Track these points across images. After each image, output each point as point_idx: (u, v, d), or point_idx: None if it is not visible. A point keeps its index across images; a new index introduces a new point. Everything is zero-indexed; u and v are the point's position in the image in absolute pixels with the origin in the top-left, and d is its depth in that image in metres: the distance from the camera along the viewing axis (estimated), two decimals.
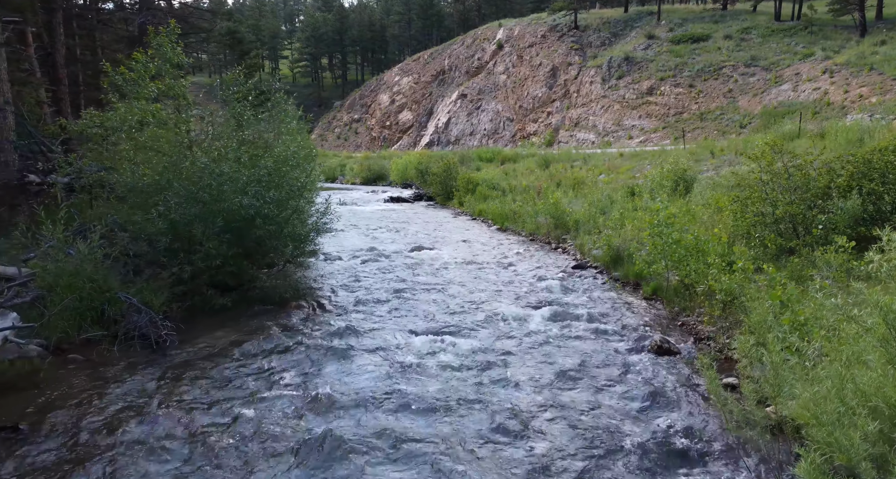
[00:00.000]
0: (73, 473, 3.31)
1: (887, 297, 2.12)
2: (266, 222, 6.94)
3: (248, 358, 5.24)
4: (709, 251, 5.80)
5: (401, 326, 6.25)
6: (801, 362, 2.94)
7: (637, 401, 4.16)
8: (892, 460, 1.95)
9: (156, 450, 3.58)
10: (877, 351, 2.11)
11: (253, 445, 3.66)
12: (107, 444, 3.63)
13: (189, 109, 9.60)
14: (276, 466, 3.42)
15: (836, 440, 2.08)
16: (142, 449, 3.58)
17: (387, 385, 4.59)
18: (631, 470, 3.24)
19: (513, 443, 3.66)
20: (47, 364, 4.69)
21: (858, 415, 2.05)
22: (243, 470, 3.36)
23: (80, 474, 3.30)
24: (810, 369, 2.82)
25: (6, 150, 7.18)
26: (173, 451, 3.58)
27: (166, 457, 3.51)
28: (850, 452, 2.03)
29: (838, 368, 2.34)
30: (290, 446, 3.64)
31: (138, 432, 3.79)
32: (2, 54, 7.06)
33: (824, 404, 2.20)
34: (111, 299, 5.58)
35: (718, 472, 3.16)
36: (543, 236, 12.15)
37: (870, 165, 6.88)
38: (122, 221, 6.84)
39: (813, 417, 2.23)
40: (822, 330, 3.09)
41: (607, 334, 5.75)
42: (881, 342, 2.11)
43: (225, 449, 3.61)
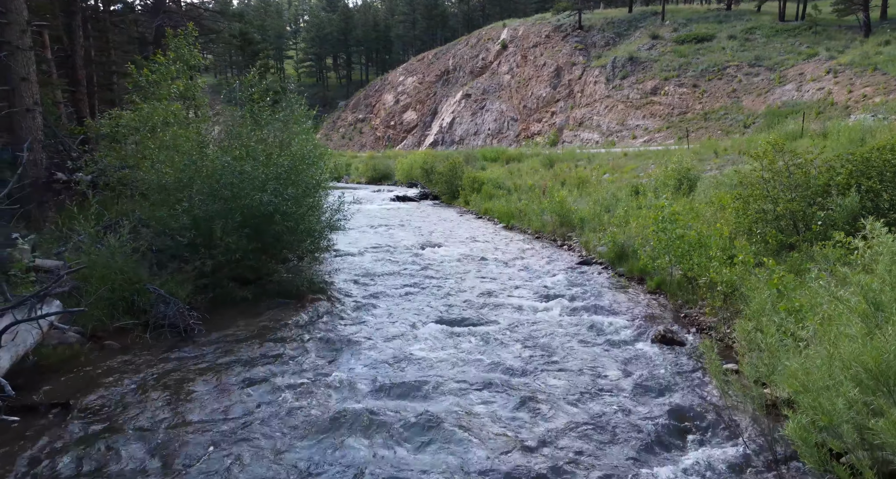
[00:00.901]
0: (119, 445, 3.58)
1: (867, 277, 2.35)
2: (284, 218, 7.22)
3: (272, 345, 5.52)
4: (711, 245, 6.04)
5: (413, 317, 6.51)
6: (795, 344, 3.18)
7: (642, 385, 4.41)
8: (868, 422, 2.19)
9: (192, 426, 3.86)
10: (857, 325, 2.35)
11: (278, 422, 3.93)
12: (147, 419, 3.91)
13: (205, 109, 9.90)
14: (299, 440, 3.68)
15: (821, 405, 2.33)
16: (179, 425, 3.86)
17: (401, 371, 4.86)
18: (637, 444, 3.49)
19: (524, 422, 3.91)
20: (86, 349, 4.99)
21: (841, 383, 2.29)
22: (269, 443, 3.62)
23: (125, 446, 3.58)
24: (803, 349, 3.06)
25: (35, 149, 7.49)
26: (207, 427, 3.85)
27: (201, 432, 3.78)
28: (833, 414, 2.27)
29: (827, 345, 2.59)
30: (311, 423, 3.90)
31: (176, 410, 4.07)
32: (30, 57, 7.36)
33: (812, 374, 2.45)
34: (140, 290, 5.87)
35: (717, 444, 3.40)
36: (549, 234, 12.39)
37: (868, 163, 7.10)
38: (146, 218, 7.13)
39: (801, 385, 2.47)
40: (817, 316, 3.33)
41: (613, 325, 6.00)
42: (861, 317, 2.35)
43: (254, 425, 3.88)
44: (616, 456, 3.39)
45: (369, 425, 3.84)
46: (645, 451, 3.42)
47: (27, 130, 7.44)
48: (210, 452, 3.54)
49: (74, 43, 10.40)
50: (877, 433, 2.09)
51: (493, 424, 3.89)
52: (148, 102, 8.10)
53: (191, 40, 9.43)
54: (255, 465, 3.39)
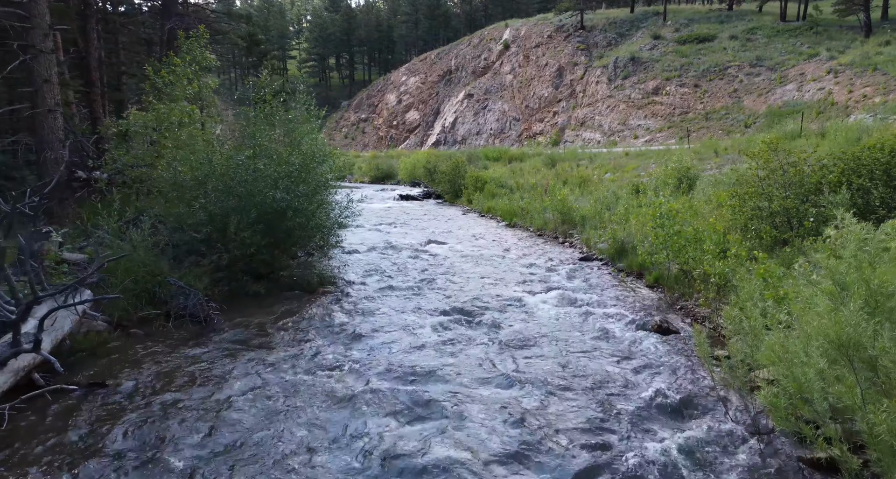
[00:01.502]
0: (154, 419, 3.88)
1: (836, 261, 2.62)
2: (296, 214, 7.52)
3: (287, 334, 5.81)
4: (705, 240, 6.31)
5: (420, 309, 6.80)
6: (776, 327, 3.45)
7: (638, 369, 4.69)
8: (832, 388, 2.46)
9: (217, 402, 4.15)
10: (825, 303, 2.62)
11: (297, 400, 4.22)
12: (177, 398, 4.21)
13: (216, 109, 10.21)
14: (315, 418, 3.97)
15: (793, 373, 2.59)
16: (206, 402, 4.15)
17: (409, 358, 5.14)
18: (634, 422, 3.77)
19: (527, 401, 4.19)
20: (115, 336, 5.30)
21: (811, 356, 2.56)
22: (288, 421, 3.91)
23: (160, 420, 3.87)
24: (784, 331, 3.33)
25: (56, 148, 7.80)
26: (232, 404, 4.15)
27: (227, 408, 4.08)
28: (803, 383, 2.54)
29: (803, 326, 2.86)
30: (327, 403, 4.20)
31: (201, 390, 4.37)
32: (52, 60, 7.67)
33: (785, 347, 2.71)
34: (161, 282, 6.17)
35: (706, 419, 3.68)
36: (551, 231, 12.66)
37: (859, 161, 7.34)
38: (164, 214, 7.43)
39: (776, 356, 2.74)
40: (798, 302, 3.59)
41: (612, 316, 6.28)
42: (829, 296, 2.62)
43: (275, 402, 4.17)
44: (613, 432, 3.67)
45: (379, 404, 4.13)
46: (640, 427, 3.69)
47: (49, 130, 7.75)
48: (236, 426, 3.83)
49: (89, 45, 10.72)
50: (837, 396, 2.36)
51: (496, 403, 4.17)
52: (163, 102, 8.41)
53: (202, 42, 9.75)
54: (278, 437, 3.68)
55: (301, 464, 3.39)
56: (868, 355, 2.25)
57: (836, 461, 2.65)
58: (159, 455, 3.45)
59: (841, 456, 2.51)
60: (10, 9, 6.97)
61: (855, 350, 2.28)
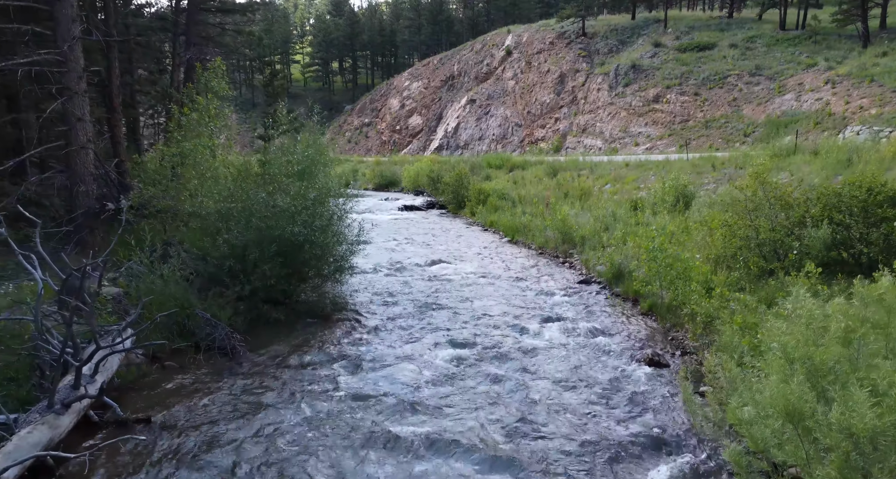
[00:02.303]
0: (199, 452, 4.39)
1: (786, 337, 3.10)
2: (312, 247, 8.03)
3: (308, 364, 6.33)
4: (693, 278, 6.79)
5: (427, 337, 7.30)
6: (751, 377, 3.93)
7: (628, 404, 5.18)
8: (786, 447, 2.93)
9: (252, 434, 4.66)
10: (778, 372, 3.09)
11: (321, 432, 4.73)
12: (216, 431, 4.72)
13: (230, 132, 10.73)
14: (338, 442, 4.48)
15: (752, 434, 3.07)
16: (242, 434, 4.66)
17: (418, 386, 5.66)
18: (617, 454, 4.27)
19: (521, 430, 4.69)
20: (152, 370, 5.82)
21: (769, 417, 3.04)
22: (316, 445, 4.42)
23: (204, 453, 4.38)
24: (756, 383, 3.81)
25: (88, 182, 8.33)
26: (265, 434, 4.65)
27: (262, 439, 4.58)
28: (760, 441, 3.02)
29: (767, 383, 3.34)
30: (347, 431, 4.71)
31: (236, 421, 4.88)
32: (85, 101, 8.20)
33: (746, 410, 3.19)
34: (190, 315, 6.69)
35: (683, 457, 4.16)
36: (552, 250, 13.14)
37: (840, 198, 7.82)
38: (189, 246, 7.95)
39: (737, 419, 3.22)
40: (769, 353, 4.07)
41: (607, 347, 6.77)
42: (781, 366, 3.09)
43: (300, 433, 4.68)
44: (598, 462, 4.17)
45: (396, 437, 4.64)
46: (623, 458, 4.19)
47: (81, 165, 8.29)
48: (271, 455, 4.34)
49: (111, 74, 11.26)
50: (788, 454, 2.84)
51: (495, 434, 4.67)
52: (187, 139, 8.93)
53: (220, 74, 10.29)
54: (307, 464, 4.19)
55: None
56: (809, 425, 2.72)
57: None
58: None
59: None
60: (49, 55, 7.49)
61: (799, 418, 2.75)
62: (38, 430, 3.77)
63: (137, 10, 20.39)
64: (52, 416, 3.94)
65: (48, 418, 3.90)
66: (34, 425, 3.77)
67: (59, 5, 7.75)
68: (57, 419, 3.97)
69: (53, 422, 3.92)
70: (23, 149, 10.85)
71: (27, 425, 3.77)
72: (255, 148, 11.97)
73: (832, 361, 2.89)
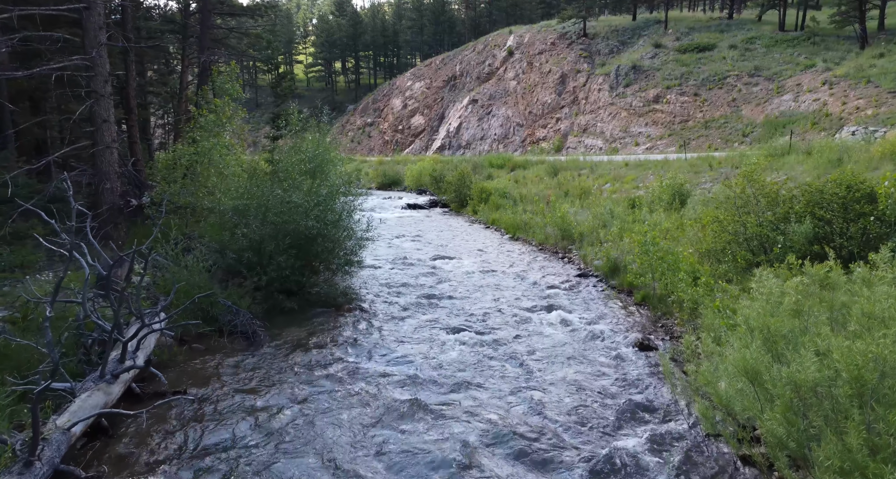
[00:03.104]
0: (230, 420, 4.89)
1: (749, 310, 3.56)
2: (325, 240, 8.54)
3: (323, 346, 6.84)
4: (681, 269, 7.28)
5: (434, 324, 7.80)
6: (722, 352, 4.41)
7: (618, 380, 5.67)
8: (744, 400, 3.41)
9: (277, 407, 5.15)
10: (740, 339, 3.56)
11: (341, 406, 5.22)
12: (244, 403, 5.22)
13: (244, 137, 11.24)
14: (356, 409, 4.97)
15: (717, 392, 3.54)
16: (268, 407, 5.16)
17: (428, 366, 6.14)
18: (608, 421, 4.76)
19: (521, 402, 5.18)
20: (182, 351, 6.33)
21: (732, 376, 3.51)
22: (334, 417, 4.91)
23: (234, 421, 4.88)
24: (726, 356, 4.29)
25: (112, 179, 8.85)
26: (287, 410, 5.15)
27: (283, 414, 5.08)
28: (724, 398, 3.49)
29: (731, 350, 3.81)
30: (364, 405, 5.20)
31: (263, 396, 5.38)
32: (111, 103, 8.72)
33: (714, 373, 3.65)
34: (213, 302, 7.19)
35: (666, 423, 4.64)
36: (551, 246, 13.63)
37: (822, 194, 8.28)
38: (210, 239, 8.46)
39: (707, 380, 3.68)
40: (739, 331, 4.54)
41: (601, 333, 7.26)
42: (743, 334, 3.56)
43: (325, 401, 5.17)
44: (590, 430, 4.66)
45: (407, 409, 5.13)
46: (613, 427, 4.68)
47: (107, 164, 8.81)
48: (297, 425, 4.84)
49: (129, 76, 11.78)
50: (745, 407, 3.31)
51: (499, 404, 5.16)
52: (203, 138, 9.44)
53: (234, 76, 10.81)
54: (329, 434, 4.68)
55: (349, 461, 4.39)
56: (763, 381, 3.19)
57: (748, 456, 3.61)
58: (235, 450, 4.46)
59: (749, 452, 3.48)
60: (80, 61, 8.01)
61: (755, 376, 3.22)
62: (95, 395, 4.27)
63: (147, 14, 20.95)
64: (104, 384, 4.44)
65: (101, 385, 4.40)
66: (91, 391, 4.27)
67: (88, 13, 8.26)
68: (109, 386, 4.47)
69: (106, 389, 4.42)
70: (46, 149, 11.39)
71: (85, 390, 4.27)
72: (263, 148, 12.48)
73: (785, 329, 3.36)
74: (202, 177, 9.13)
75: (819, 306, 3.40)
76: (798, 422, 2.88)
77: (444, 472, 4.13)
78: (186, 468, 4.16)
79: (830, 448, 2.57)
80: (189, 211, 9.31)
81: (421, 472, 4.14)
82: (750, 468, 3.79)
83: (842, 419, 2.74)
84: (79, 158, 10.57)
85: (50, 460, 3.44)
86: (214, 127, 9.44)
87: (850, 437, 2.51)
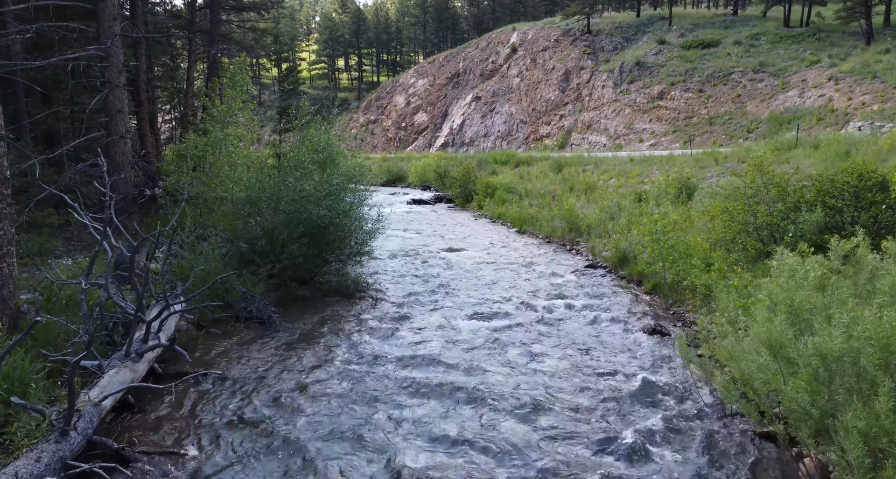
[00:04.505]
0: (251, 398, 4.96)
1: (772, 284, 3.60)
2: (337, 229, 8.60)
3: (337, 332, 6.90)
4: (693, 256, 7.31)
5: (446, 312, 7.85)
6: (737, 331, 4.46)
7: (632, 365, 5.72)
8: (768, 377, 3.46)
9: (295, 386, 5.22)
10: (762, 314, 3.61)
11: (358, 386, 5.29)
12: (263, 382, 5.29)
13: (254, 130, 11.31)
14: (371, 390, 5.03)
15: (740, 366, 3.59)
16: (287, 386, 5.23)
17: (440, 354, 6.20)
18: (625, 405, 4.81)
19: (537, 386, 5.23)
20: (200, 335, 6.40)
21: (754, 351, 3.55)
22: (349, 397, 4.97)
23: (255, 398, 4.95)
24: (737, 335, 4.33)
25: (126, 170, 8.92)
26: (306, 391, 5.22)
27: (303, 391, 5.15)
28: (747, 372, 3.54)
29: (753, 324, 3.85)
30: (379, 386, 5.27)
31: (282, 377, 5.45)
32: (125, 93, 8.78)
33: (735, 347, 3.70)
34: (229, 289, 7.26)
35: (683, 403, 4.69)
36: (559, 239, 13.67)
37: (833, 183, 8.31)
38: (224, 229, 8.53)
39: (729, 355, 3.73)
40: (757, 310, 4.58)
41: (613, 320, 7.31)
42: (766, 309, 3.61)
43: (342, 382, 5.24)
44: (607, 413, 4.71)
45: (419, 389, 5.20)
46: (629, 409, 4.74)
47: (120, 154, 8.88)
48: (316, 403, 4.90)
49: (139, 69, 11.85)
50: (766, 381, 3.36)
51: (514, 387, 5.21)
52: (216, 128, 9.51)
53: (244, 69, 10.87)
54: (345, 412, 4.75)
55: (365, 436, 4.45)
56: (787, 354, 3.23)
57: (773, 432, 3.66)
58: (257, 426, 4.53)
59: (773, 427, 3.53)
60: (95, 51, 8.08)
61: (779, 349, 3.26)
62: (122, 372, 4.34)
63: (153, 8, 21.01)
64: (129, 362, 4.51)
65: (127, 363, 4.47)
66: (118, 368, 4.35)
67: (102, 4, 8.32)
68: (134, 365, 4.54)
69: (132, 367, 4.49)
70: (59, 140, 11.46)
71: (112, 368, 4.34)
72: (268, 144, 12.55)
73: (808, 302, 3.41)
74: (214, 167, 9.19)
75: (841, 283, 3.45)
76: (823, 390, 2.92)
77: (461, 448, 4.19)
78: (211, 442, 4.23)
79: (857, 413, 2.62)
80: (202, 201, 9.38)
81: (436, 448, 4.20)
82: (771, 443, 3.84)
83: (867, 388, 2.79)
84: (90, 150, 10.64)
85: (83, 430, 3.51)
86: (227, 117, 9.50)
87: (879, 402, 2.56)
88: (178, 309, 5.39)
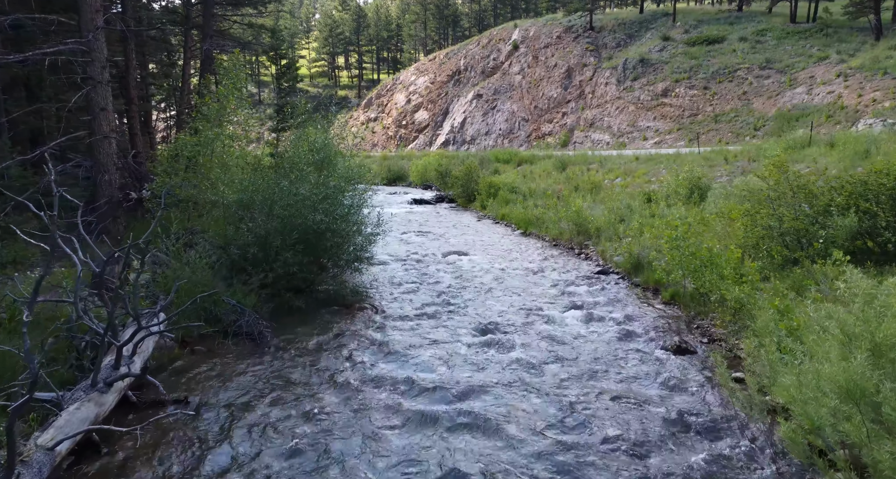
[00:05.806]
0: (241, 433, 4.42)
1: (845, 314, 3.07)
2: (334, 235, 8.05)
3: (333, 348, 6.36)
4: (723, 265, 6.75)
5: (449, 324, 7.31)
6: (792, 360, 3.92)
7: (660, 389, 5.18)
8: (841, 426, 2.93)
9: (284, 415, 4.69)
10: (836, 351, 3.07)
11: (352, 407, 4.75)
12: (249, 411, 4.75)
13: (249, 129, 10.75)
14: (366, 418, 4.50)
15: (807, 412, 3.06)
16: (274, 416, 4.69)
17: (444, 369, 5.67)
18: (654, 439, 4.27)
19: (557, 414, 4.69)
20: (183, 354, 5.86)
21: (825, 396, 3.02)
22: (346, 422, 4.44)
23: (239, 437, 4.41)
24: (798, 366, 3.80)
25: (111, 171, 8.37)
26: (296, 419, 4.68)
27: (291, 424, 4.61)
28: (816, 420, 3.01)
29: (816, 363, 3.32)
30: (375, 411, 4.73)
31: (268, 404, 4.91)
32: (108, 90, 8.23)
33: (801, 387, 3.18)
34: (217, 301, 6.72)
35: (724, 441, 4.16)
36: (566, 242, 13.12)
37: (866, 185, 7.76)
38: (214, 235, 7.98)
39: (792, 397, 3.20)
40: (812, 335, 4.05)
41: (631, 335, 6.76)
42: (839, 344, 3.07)
43: (335, 410, 4.70)
44: (632, 450, 4.17)
45: (427, 419, 4.66)
46: (666, 441, 4.19)
47: (104, 155, 8.32)
48: (308, 437, 4.37)
49: (129, 66, 11.29)
50: (846, 433, 2.82)
51: (528, 416, 4.68)
52: (206, 127, 8.95)
53: (238, 65, 10.30)
54: (340, 441, 4.21)
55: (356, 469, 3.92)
56: (872, 401, 2.70)
57: None
58: (241, 468, 4.00)
59: None
60: (75, 45, 7.51)
61: (861, 395, 2.73)
62: (85, 407, 3.81)
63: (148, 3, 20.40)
64: (96, 394, 3.98)
65: (93, 395, 3.94)
66: (80, 402, 3.81)
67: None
68: (101, 396, 4.01)
69: (98, 399, 3.97)
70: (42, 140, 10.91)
71: (74, 402, 3.81)
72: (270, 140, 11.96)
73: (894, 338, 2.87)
74: (205, 168, 8.65)
75: None
76: None
77: None
78: None
79: None
80: (191, 205, 8.83)
81: None
82: None
83: None
84: (76, 150, 10.09)
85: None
86: (218, 116, 8.95)
87: None
88: (155, 330, 4.85)
